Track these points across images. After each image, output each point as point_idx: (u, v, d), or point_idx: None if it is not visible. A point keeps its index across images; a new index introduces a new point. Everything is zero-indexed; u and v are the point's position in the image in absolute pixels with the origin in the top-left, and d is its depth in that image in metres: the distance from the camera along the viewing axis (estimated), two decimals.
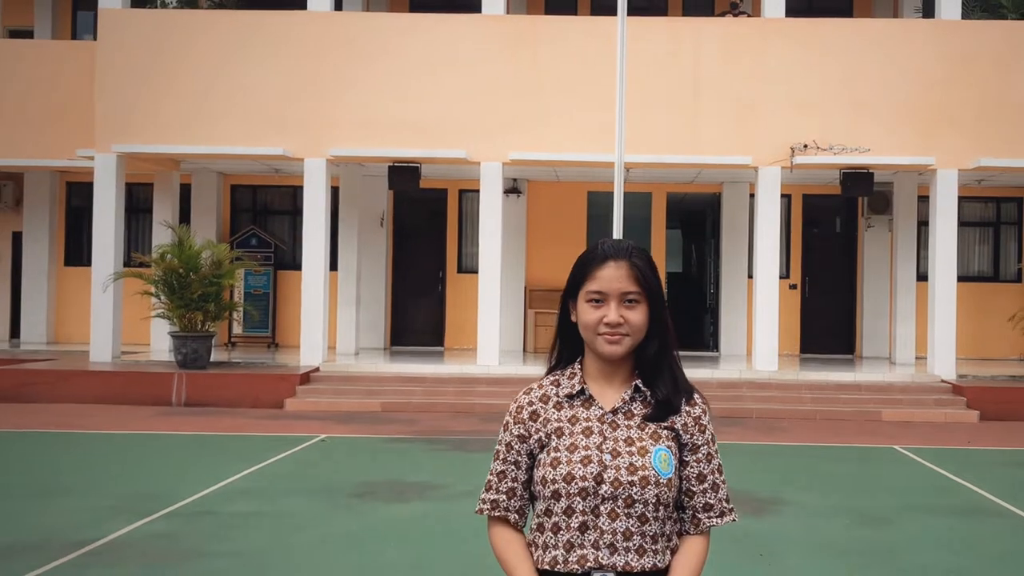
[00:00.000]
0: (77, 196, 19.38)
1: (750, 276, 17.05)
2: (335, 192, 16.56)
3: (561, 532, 2.20)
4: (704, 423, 2.30)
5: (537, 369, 13.42)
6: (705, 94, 15.15)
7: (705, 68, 15.18)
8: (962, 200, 18.13)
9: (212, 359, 15.02)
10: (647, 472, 2.18)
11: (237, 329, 18.22)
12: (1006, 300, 17.91)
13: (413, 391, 14.19)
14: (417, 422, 12.57)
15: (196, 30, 15.64)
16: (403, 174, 15.45)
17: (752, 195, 16.59)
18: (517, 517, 2.30)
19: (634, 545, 2.18)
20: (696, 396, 2.31)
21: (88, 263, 18.92)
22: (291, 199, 19.02)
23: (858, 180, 15.11)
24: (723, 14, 17.09)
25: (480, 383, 14.47)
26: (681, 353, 2.38)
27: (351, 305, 16.84)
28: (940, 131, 14.97)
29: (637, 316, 2.24)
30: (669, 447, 2.23)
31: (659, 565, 2.20)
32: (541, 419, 2.28)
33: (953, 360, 14.84)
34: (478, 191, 15.80)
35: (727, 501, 2.31)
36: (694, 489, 2.27)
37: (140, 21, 15.72)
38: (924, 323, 15.94)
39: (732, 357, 17.35)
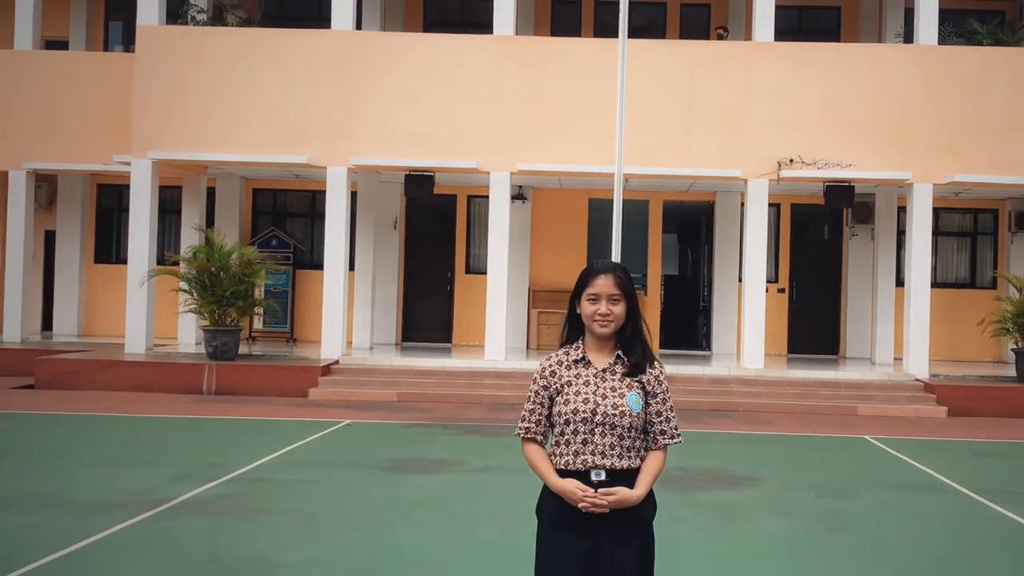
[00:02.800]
0: (107, 198, 20.57)
1: (741, 280, 18.21)
2: (353, 197, 17.72)
3: (570, 445, 3.43)
4: (661, 379, 3.53)
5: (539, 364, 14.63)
6: (699, 111, 16.33)
7: (699, 87, 16.36)
8: (941, 211, 19.40)
9: (238, 352, 16.18)
10: (624, 408, 3.41)
11: (258, 325, 19.39)
12: (982, 306, 19.05)
13: (426, 383, 15.37)
14: (432, 411, 13.75)
15: (226, 46, 16.82)
16: (418, 182, 16.65)
17: (743, 204, 17.75)
18: (542, 438, 3.53)
19: (616, 453, 3.41)
20: (656, 362, 3.55)
21: (117, 261, 20.20)
22: (309, 202, 20.20)
23: (840, 193, 16.31)
24: (720, 36, 18.28)
25: (488, 376, 15.65)
26: (676, 352, 3.67)
27: (366, 303, 18.05)
28: (917, 148, 16.15)
29: (619, 309, 3.48)
30: (639, 393, 3.46)
31: (632, 466, 3.43)
32: (557, 376, 3.51)
33: (926, 361, 16.02)
34: (486, 197, 17.00)
35: (676, 429, 3.55)
36: (654, 420, 3.50)
37: (174, 37, 16.89)
38: (902, 326, 17.12)
39: (723, 356, 18.52)
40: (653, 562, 3.46)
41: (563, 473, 3.41)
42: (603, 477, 3.36)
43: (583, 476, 3.37)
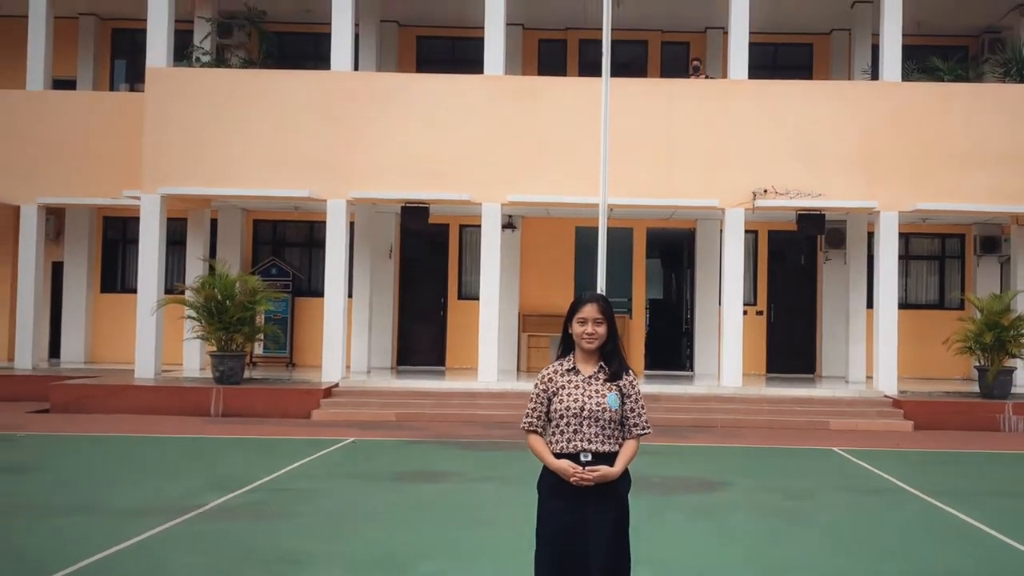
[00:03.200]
0: (112, 229, 21.43)
1: (721, 303, 19.13)
2: (350, 227, 18.62)
3: (564, 434, 4.40)
4: (634, 384, 4.50)
5: (529, 384, 15.53)
6: (678, 144, 17.34)
7: (678, 122, 17.39)
8: (910, 236, 20.44)
9: (243, 376, 17.02)
10: (605, 405, 4.39)
11: (259, 350, 20.23)
12: (950, 326, 19.97)
13: (423, 403, 16.24)
14: (429, 429, 14.61)
15: (230, 86, 17.76)
16: (414, 213, 17.58)
17: (722, 231, 18.71)
18: (542, 430, 4.49)
19: (599, 440, 4.38)
20: (630, 371, 4.52)
21: (122, 290, 21.04)
22: (307, 233, 21.11)
23: (811, 220, 17.34)
24: (695, 68, 19.33)
25: (481, 397, 16.53)
26: (660, 372, 4.64)
27: (363, 328, 18.95)
28: (883, 178, 17.19)
29: (601, 330, 4.47)
30: (617, 394, 4.43)
31: (612, 450, 4.39)
32: (554, 381, 4.48)
33: (894, 378, 16.99)
34: (477, 226, 17.95)
35: (646, 423, 4.50)
36: (629, 416, 4.47)
37: (182, 79, 17.84)
38: (873, 345, 18.08)
39: (705, 375, 19.43)
40: (627, 525, 4.41)
41: (558, 455, 4.37)
42: (590, 458, 4.33)
43: (574, 457, 4.33)
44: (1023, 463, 12.91)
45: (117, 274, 21.55)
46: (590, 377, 4.44)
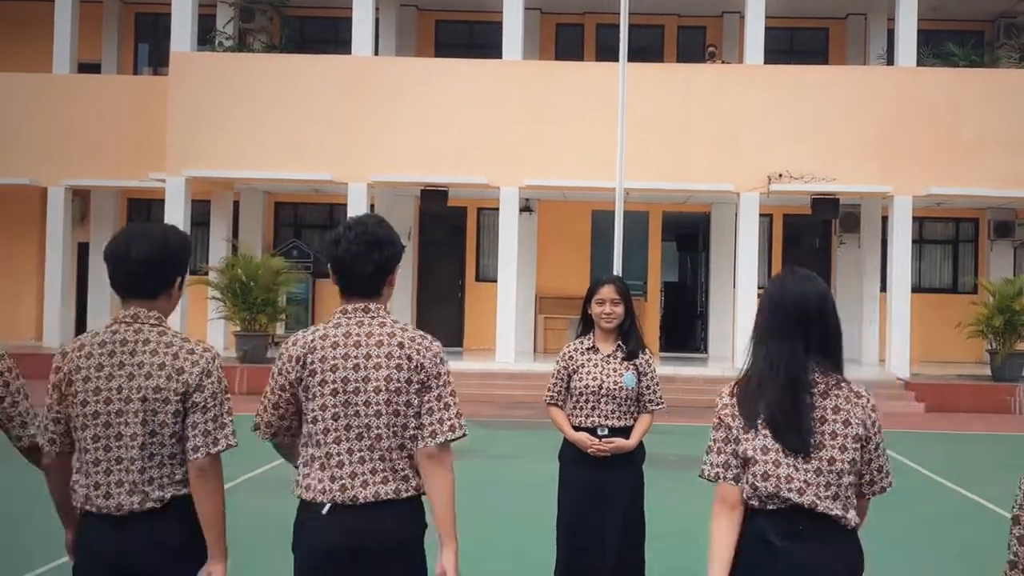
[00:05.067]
0: (137, 212, 21.78)
1: (735, 286, 19.37)
2: (370, 210, 18.92)
3: (583, 409, 4.71)
4: (650, 362, 4.79)
5: (546, 365, 15.83)
6: (694, 129, 17.54)
7: (694, 107, 17.59)
8: (924, 220, 20.59)
9: (266, 355, 17.39)
10: (622, 383, 4.69)
11: (279, 330, 20.57)
12: (964, 310, 20.18)
13: None
14: None
15: (253, 71, 18.06)
16: (433, 197, 17.87)
17: (737, 215, 18.93)
18: (562, 404, 4.80)
19: (616, 416, 4.69)
20: (646, 350, 4.80)
21: None
22: (328, 215, 21.42)
23: (826, 205, 17.53)
24: (711, 55, 19.50)
25: (499, 377, 16.84)
26: (674, 354, 4.96)
27: None
28: (897, 163, 17.36)
29: (619, 309, 4.76)
30: (634, 373, 4.72)
31: (627, 425, 4.71)
32: (574, 359, 4.79)
33: (907, 361, 17.21)
34: (495, 209, 18.22)
35: (660, 399, 4.82)
36: (644, 392, 4.76)
37: (205, 63, 18.14)
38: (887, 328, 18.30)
39: (719, 358, 19.68)
40: (643, 493, 4.70)
41: (577, 428, 4.69)
42: (606, 432, 4.64)
43: (591, 431, 4.64)
44: None
45: None
46: (608, 356, 4.72)
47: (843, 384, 2.90)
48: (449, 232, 21.24)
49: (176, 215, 17.74)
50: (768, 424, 2.77)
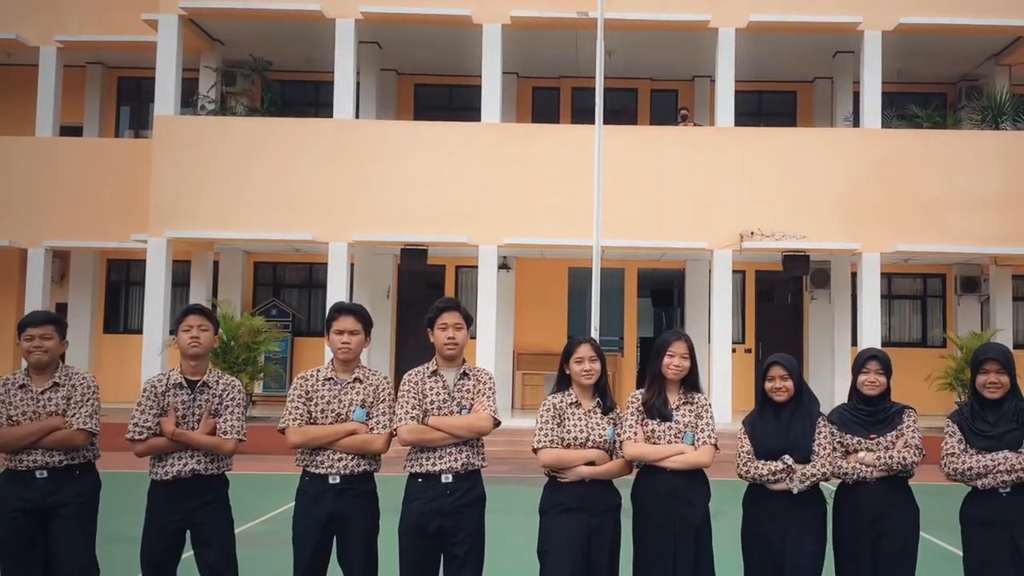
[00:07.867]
0: (116, 272, 21.93)
1: (710, 341, 19.70)
2: (350, 269, 19.17)
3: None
4: (620, 414, 5.19)
5: (526, 422, 16.00)
6: (668, 188, 17.99)
7: (668, 167, 18.05)
8: (892, 276, 21.08)
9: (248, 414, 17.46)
10: (605, 435, 5.09)
11: (258, 389, 20.65)
12: (933, 363, 20.58)
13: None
14: None
15: (236, 134, 18.39)
16: (413, 255, 18.15)
17: (711, 271, 19.31)
18: (559, 444, 5.13)
19: (600, 459, 5.04)
20: (618, 407, 5.19)
21: (125, 331, 21.50)
22: (306, 274, 21.65)
23: (796, 262, 17.97)
24: (683, 117, 20.03)
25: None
26: None
27: None
28: (865, 221, 17.85)
29: (596, 366, 5.19)
30: (612, 426, 5.13)
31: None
32: (559, 408, 5.16)
33: None
34: (473, 267, 18.52)
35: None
36: (619, 436, 5.13)
37: (188, 127, 18.46)
38: None
39: None
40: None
41: (562, 479, 5.13)
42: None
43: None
44: None
45: (120, 315, 22.03)
46: (590, 411, 5.16)
47: None
48: (427, 290, 21.47)
49: (157, 275, 17.91)
50: None
